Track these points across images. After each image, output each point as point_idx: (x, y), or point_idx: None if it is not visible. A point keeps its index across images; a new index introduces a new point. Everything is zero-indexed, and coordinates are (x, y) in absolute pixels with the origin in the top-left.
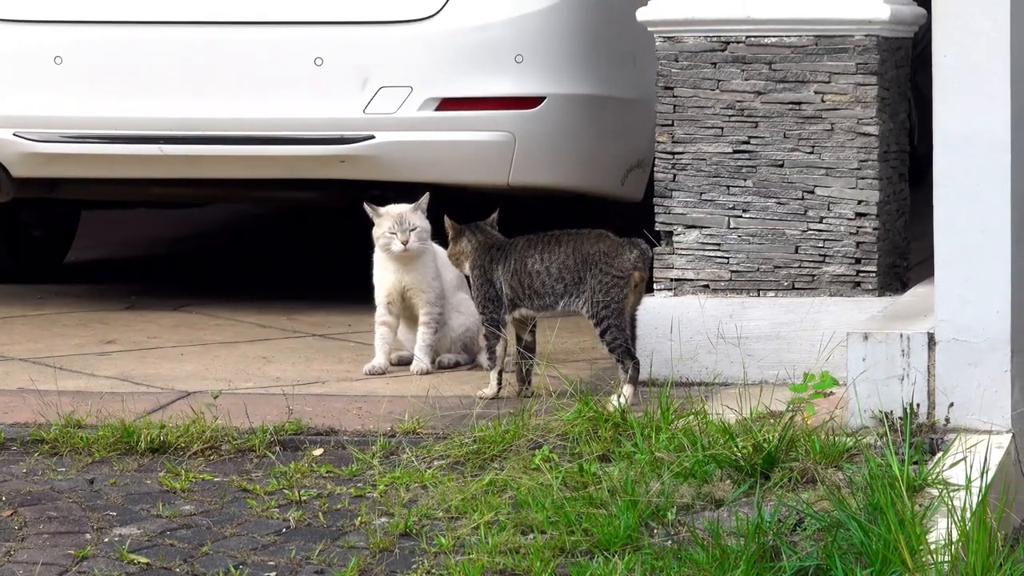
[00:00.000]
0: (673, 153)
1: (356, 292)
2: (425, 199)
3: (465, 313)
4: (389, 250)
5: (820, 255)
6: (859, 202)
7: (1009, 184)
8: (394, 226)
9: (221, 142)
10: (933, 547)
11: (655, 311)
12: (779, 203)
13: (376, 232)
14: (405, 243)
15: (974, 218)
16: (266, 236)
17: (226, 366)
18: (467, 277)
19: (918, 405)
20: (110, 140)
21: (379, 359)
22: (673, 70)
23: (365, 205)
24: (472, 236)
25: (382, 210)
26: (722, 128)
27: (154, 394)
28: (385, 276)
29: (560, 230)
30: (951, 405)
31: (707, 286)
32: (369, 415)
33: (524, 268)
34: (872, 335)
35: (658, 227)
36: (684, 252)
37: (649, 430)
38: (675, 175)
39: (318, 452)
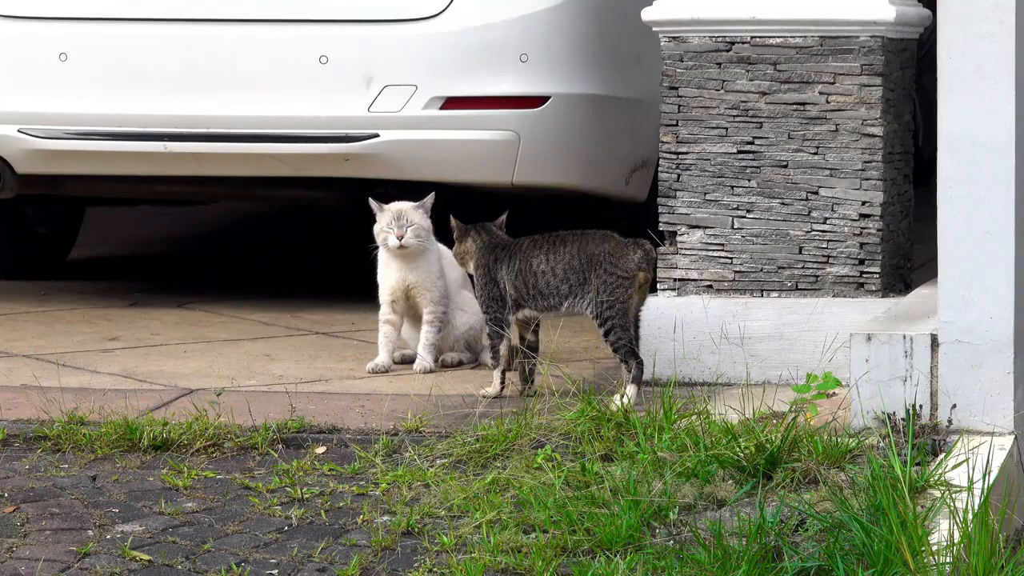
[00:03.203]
0: (677, 153)
1: (360, 290)
2: (430, 199)
3: (469, 311)
4: (387, 245)
5: (824, 256)
6: (863, 203)
7: (1013, 187)
8: (392, 222)
9: (226, 140)
10: (935, 548)
11: (659, 311)
12: (783, 204)
13: (376, 228)
14: (400, 238)
15: (978, 220)
16: (270, 234)
17: (229, 363)
18: (471, 276)
19: (921, 406)
20: (115, 137)
21: (382, 357)
22: (678, 70)
23: (371, 200)
24: (477, 236)
25: (385, 206)
26: (726, 128)
27: (157, 391)
28: (389, 274)
29: (565, 230)
30: (954, 406)
31: (711, 286)
32: (372, 413)
33: (529, 268)
34: (875, 336)
35: (662, 227)
36: (688, 252)
37: (652, 430)
38: (679, 175)
39: (321, 450)
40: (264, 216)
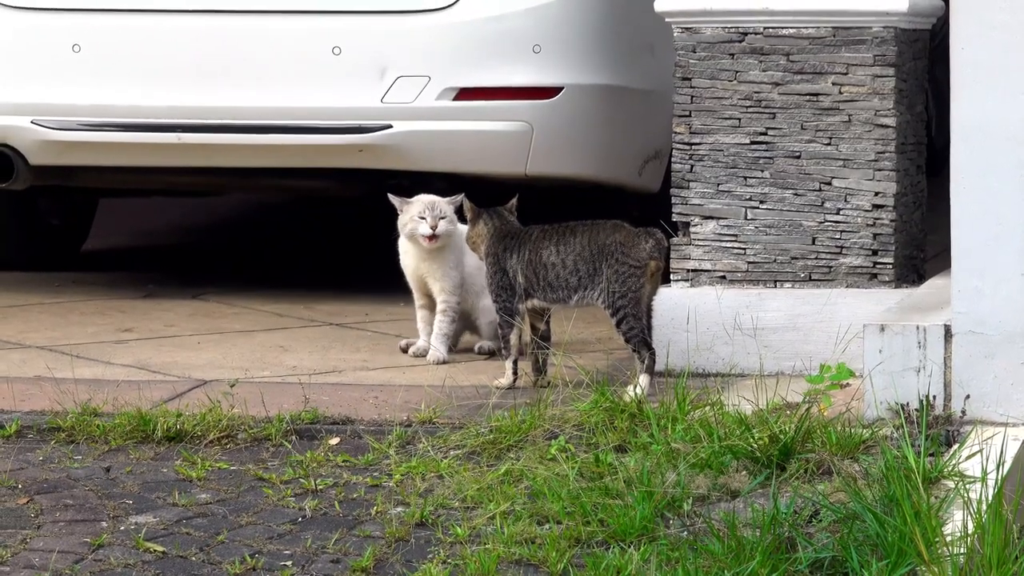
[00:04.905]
0: (690, 144)
1: (373, 281)
2: (460, 197)
3: None
4: (415, 235)
5: (837, 246)
6: (876, 194)
7: None
8: (426, 210)
9: (239, 131)
10: (949, 539)
11: (672, 302)
12: (796, 194)
13: (403, 218)
14: (434, 228)
15: (990, 211)
16: (283, 225)
17: (243, 355)
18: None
19: (934, 397)
20: (128, 128)
21: (423, 340)
22: (691, 61)
23: (390, 196)
24: (489, 220)
25: (412, 198)
26: (739, 119)
27: (171, 382)
28: (407, 262)
29: (575, 221)
30: (967, 397)
31: (724, 277)
32: (385, 404)
33: (539, 259)
34: (889, 327)
35: (675, 218)
36: (701, 243)
37: (665, 421)
38: (692, 166)
39: (334, 441)
40: (276, 207)
